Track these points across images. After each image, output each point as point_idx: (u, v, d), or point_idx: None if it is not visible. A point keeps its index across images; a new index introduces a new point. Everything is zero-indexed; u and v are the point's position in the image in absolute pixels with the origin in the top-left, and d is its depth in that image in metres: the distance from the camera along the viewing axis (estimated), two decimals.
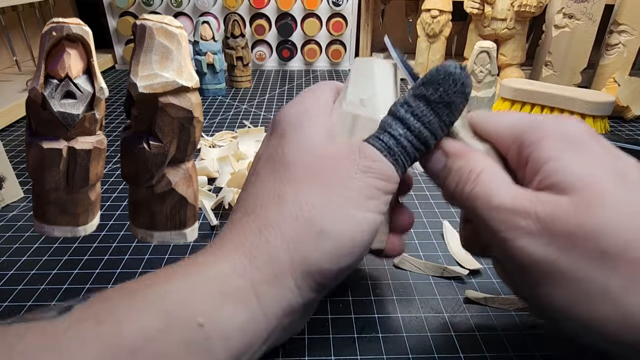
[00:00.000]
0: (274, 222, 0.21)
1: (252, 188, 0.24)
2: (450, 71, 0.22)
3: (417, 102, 0.22)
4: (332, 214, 0.21)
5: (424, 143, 0.23)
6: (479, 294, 0.30)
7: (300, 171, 0.22)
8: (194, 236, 0.29)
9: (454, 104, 0.22)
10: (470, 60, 0.59)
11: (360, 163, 0.22)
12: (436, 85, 0.22)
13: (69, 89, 0.26)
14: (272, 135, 0.25)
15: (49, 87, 0.26)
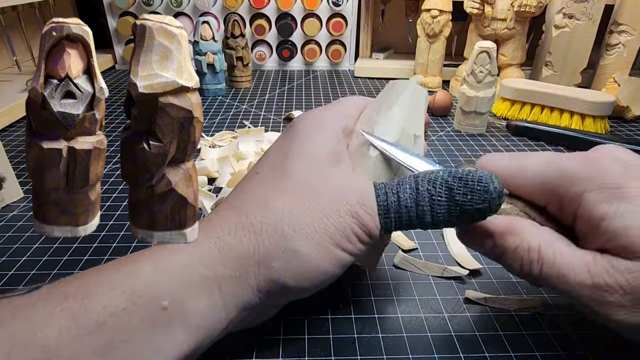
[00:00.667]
0: (251, 225, 0.21)
1: (247, 185, 0.24)
2: (489, 189, 0.21)
3: (440, 190, 0.22)
4: (308, 239, 0.21)
5: (420, 224, 0.22)
6: (479, 294, 0.30)
7: (296, 185, 0.22)
8: (194, 236, 0.29)
9: (469, 215, 0.22)
10: (470, 60, 0.59)
11: (354, 207, 0.22)
12: (468, 190, 0.21)
13: (69, 89, 0.26)
14: (285, 136, 0.25)
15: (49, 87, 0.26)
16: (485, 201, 0.21)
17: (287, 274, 0.21)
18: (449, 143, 0.58)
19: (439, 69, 0.82)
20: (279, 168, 0.23)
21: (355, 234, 0.22)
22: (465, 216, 0.22)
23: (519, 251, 0.22)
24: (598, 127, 0.60)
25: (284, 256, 0.21)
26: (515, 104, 0.65)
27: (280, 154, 0.24)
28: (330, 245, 0.21)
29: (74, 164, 0.27)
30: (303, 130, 0.24)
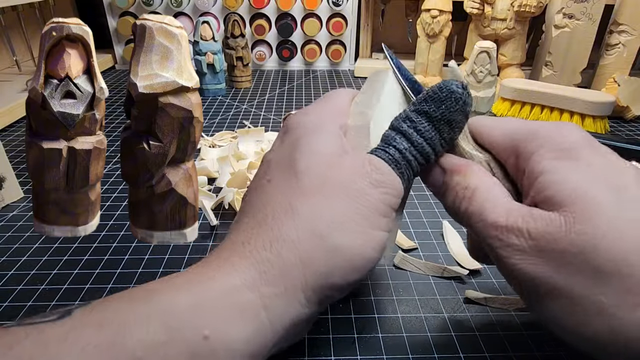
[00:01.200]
0: (286, 235, 0.20)
1: (263, 194, 0.23)
2: (452, 89, 0.22)
3: (419, 118, 0.23)
4: (346, 231, 0.21)
5: (426, 158, 0.23)
6: (479, 294, 0.30)
7: (313, 182, 0.22)
8: (194, 236, 0.29)
9: (455, 121, 0.23)
10: (470, 60, 0.59)
11: (372, 176, 0.22)
12: (438, 102, 0.22)
13: (69, 89, 0.26)
14: (285, 140, 0.25)
15: (49, 87, 0.26)
16: (457, 100, 0.22)
17: (336, 273, 0.20)
18: None
19: (439, 69, 0.82)
20: (291, 170, 0.22)
21: (384, 202, 0.22)
22: (453, 124, 0.23)
23: (457, 187, 0.23)
24: (598, 127, 0.60)
25: (328, 257, 0.20)
26: (515, 104, 0.65)
27: (286, 157, 0.23)
28: (368, 228, 0.21)
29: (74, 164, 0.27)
30: (305, 129, 0.24)
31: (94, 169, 0.28)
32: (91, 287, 0.31)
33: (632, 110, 0.65)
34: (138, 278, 0.32)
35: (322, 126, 0.24)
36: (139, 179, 0.27)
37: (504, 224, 0.20)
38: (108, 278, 0.32)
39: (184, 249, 0.35)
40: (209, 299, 0.19)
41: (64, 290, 0.31)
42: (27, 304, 0.30)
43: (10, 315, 0.29)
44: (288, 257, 0.20)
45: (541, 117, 0.63)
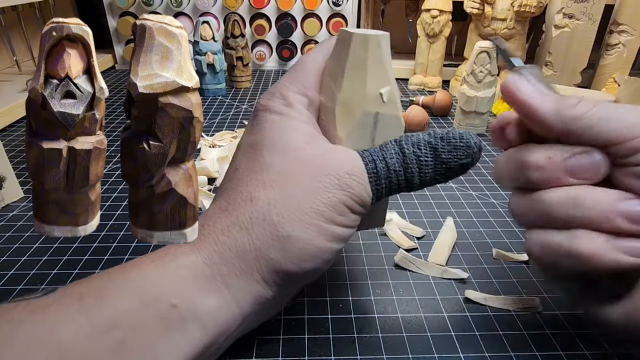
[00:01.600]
0: (242, 222, 0.22)
1: (229, 183, 0.24)
2: (471, 144, 0.23)
3: (426, 150, 0.23)
4: (299, 223, 0.21)
5: (408, 187, 0.24)
6: (479, 294, 0.30)
7: (275, 175, 0.22)
8: (194, 236, 0.29)
9: (453, 171, 0.23)
10: (470, 60, 0.59)
11: (342, 179, 0.22)
12: (452, 147, 0.23)
13: (69, 89, 0.26)
14: (254, 126, 0.25)
15: (49, 87, 0.26)
16: (468, 156, 0.23)
17: (287, 261, 0.21)
18: None
19: (439, 69, 0.82)
20: (256, 160, 0.23)
21: (347, 205, 0.22)
22: (450, 172, 0.23)
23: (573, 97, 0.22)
24: None
25: (279, 244, 0.21)
26: None
27: (253, 146, 0.24)
28: (322, 222, 0.22)
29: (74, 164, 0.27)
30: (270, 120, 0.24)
31: (94, 169, 0.28)
32: None
33: None
34: None
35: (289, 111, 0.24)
36: (139, 179, 0.27)
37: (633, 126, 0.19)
38: None
39: None
40: (172, 271, 0.21)
41: None
42: None
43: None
44: (242, 242, 0.21)
45: None
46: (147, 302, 0.20)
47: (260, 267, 0.21)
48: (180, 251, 0.22)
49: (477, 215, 0.41)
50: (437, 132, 0.23)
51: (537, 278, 0.33)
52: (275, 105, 0.24)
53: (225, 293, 0.21)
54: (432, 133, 0.23)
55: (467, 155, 0.23)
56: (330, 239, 0.22)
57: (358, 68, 0.23)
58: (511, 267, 0.34)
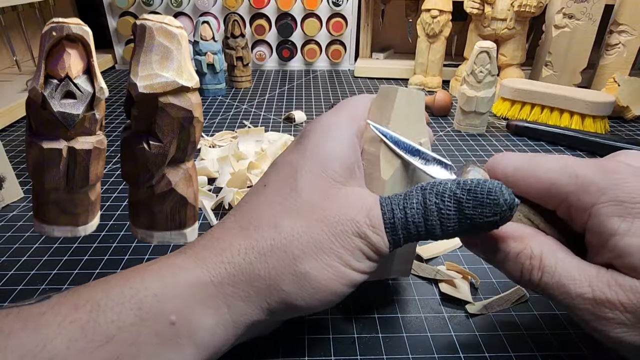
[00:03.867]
0: (262, 248, 0.21)
1: (255, 199, 0.23)
2: (499, 202, 0.20)
3: (449, 203, 0.21)
4: (318, 261, 0.21)
5: (429, 237, 0.22)
6: (479, 305, 0.30)
7: (303, 206, 0.22)
8: (194, 236, 0.29)
9: (478, 227, 0.21)
10: (470, 60, 0.59)
11: (361, 228, 0.22)
12: (478, 203, 0.20)
13: (69, 89, 0.26)
14: (295, 148, 0.24)
15: (49, 87, 0.26)
16: (496, 214, 0.20)
17: (299, 297, 0.21)
18: (449, 143, 0.58)
19: (439, 69, 0.82)
20: (287, 184, 0.23)
21: (364, 253, 0.22)
22: (475, 229, 0.21)
23: (520, 257, 0.22)
24: (598, 127, 0.60)
25: (294, 279, 0.21)
26: (515, 104, 0.65)
27: (289, 168, 0.23)
28: (340, 265, 0.21)
29: (74, 164, 0.27)
30: (314, 142, 0.24)
31: (94, 169, 0.28)
32: None
33: (632, 110, 0.65)
34: None
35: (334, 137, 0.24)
36: (139, 179, 0.27)
37: (591, 297, 0.19)
38: None
39: None
40: (175, 287, 0.20)
41: (63, 290, 0.31)
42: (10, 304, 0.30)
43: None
44: (258, 268, 0.21)
45: (541, 117, 0.63)
46: (145, 318, 0.19)
47: (270, 296, 0.21)
48: (186, 265, 0.21)
49: None
50: (467, 182, 0.21)
51: None
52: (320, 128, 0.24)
53: (224, 312, 0.21)
54: (460, 183, 0.21)
55: (495, 213, 0.20)
56: (345, 283, 0.22)
57: (403, 117, 0.25)
58: None
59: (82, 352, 0.17)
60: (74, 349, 0.17)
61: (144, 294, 0.19)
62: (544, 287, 0.21)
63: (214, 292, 0.20)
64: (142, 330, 0.19)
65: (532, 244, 0.22)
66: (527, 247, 0.21)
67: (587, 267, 0.20)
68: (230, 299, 0.21)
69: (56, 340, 0.17)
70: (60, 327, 0.18)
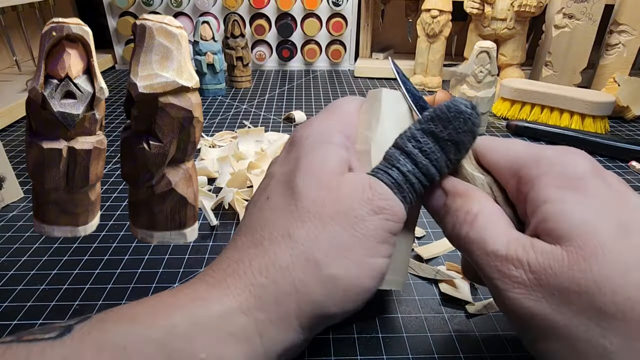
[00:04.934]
0: (282, 261, 0.20)
1: (261, 214, 0.22)
2: (461, 109, 0.21)
3: (425, 138, 0.22)
4: (342, 260, 0.20)
5: (430, 180, 0.22)
6: (479, 305, 0.30)
7: (311, 206, 0.21)
8: (194, 236, 0.29)
9: (462, 142, 0.22)
10: (470, 60, 0.59)
11: (372, 202, 0.21)
12: (445, 122, 0.21)
13: (69, 89, 0.26)
14: (288, 155, 0.24)
15: (49, 87, 0.26)
16: (465, 121, 0.21)
17: (331, 303, 0.20)
18: None
19: (439, 69, 0.82)
20: (290, 192, 0.22)
21: (384, 229, 0.21)
22: (460, 145, 0.22)
23: (458, 212, 0.22)
24: (598, 127, 0.60)
25: (323, 286, 0.20)
26: (515, 104, 0.65)
27: (287, 174, 0.23)
28: (366, 257, 0.21)
29: (74, 164, 0.27)
30: (308, 145, 0.23)
31: (94, 169, 0.28)
32: (91, 287, 0.31)
33: (632, 110, 0.65)
34: (138, 278, 0.32)
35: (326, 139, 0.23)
36: (139, 179, 0.27)
37: (504, 254, 0.19)
38: (108, 278, 0.32)
39: (184, 249, 0.35)
40: (204, 322, 0.19)
41: (64, 290, 0.31)
42: (27, 304, 0.30)
43: (10, 316, 0.29)
44: (283, 285, 0.20)
45: (541, 117, 0.63)
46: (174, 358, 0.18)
47: (300, 312, 0.20)
48: (212, 296, 0.20)
49: None
50: (425, 115, 0.22)
51: None
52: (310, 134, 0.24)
53: (256, 342, 0.19)
54: (421, 119, 0.22)
55: (465, 120, 0.21)
56: (373, 275, 0.21)
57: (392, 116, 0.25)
58: None
59: None
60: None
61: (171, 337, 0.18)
62: (465, 240, 0.21)
63: (245, 321, 0.19)
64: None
65: (473, 202, 0.22)
66: (469, 204, 0.22)
67: (513, 232, 0.20)
68: (262, 325, 0.19)
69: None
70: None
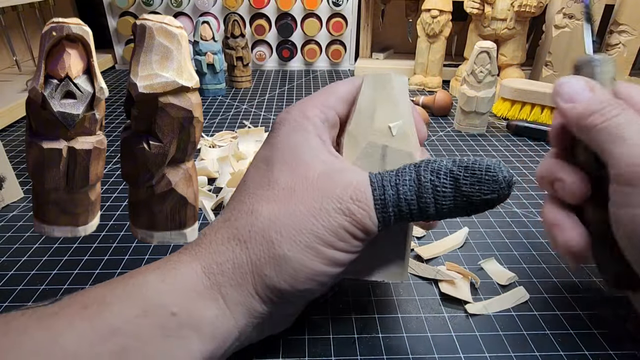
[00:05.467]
0: (240, 234, 0.22)
1: (237, 195, 0.24)
2: (499, 179, 0.20)
3: (445, 180, 0.21)
4: (296, 244, 0.21)
5: (422, 217, 0.21)
6: (479, 305, 0.30)
7: (281, 192, 0.22)
8: (194, 236, 0.29)
9: (476, 207, 0.21)
10: (470, 60, 0.59)
11: (345, 204, 0.21)
12: (476, 179, 0.20)
13: (69, 89, 0.26)
14: (270, 138, 0.25)
15: (49, 87, 0.26)
16: (494, 191, 0.20)
17: (280, 279, 0.21)
18: (449, 143, 0.58)
19: (439, 69, 0.82)
20: (265, 177, 0.23)
21: (348, 231, 0.21)
22: (472, 207, 0.21)
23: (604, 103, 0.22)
24: None
25: (274, 262, 0.21)
26: (515, 104, 0.65)
27: (264, 161, 0.24)
28: (320, 245, 0.21)
29: (74, 164, 0.27)
30: (284, 132, 0.24)
31: (94, 169, 0.28)
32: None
33: None
34: None
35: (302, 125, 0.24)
36: (139, 179, 0.27)
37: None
38: (108, 278, 0.32)
39: None
40: (173, 280, 0.21)
41: (64, 290, 0.31)
42: (27, 304, 0.30)
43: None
44: (239, 255, 0.22)
45: (541, 117, 0.63)
46: (148, 310, 0.20)
47: (255, 282, 0.22)
48: (182, 260, 0.22)
49: (477, 216, 0.41)
50: (464, 160, 0.21)
51: (535, 277, 0.33)
52: (291, 117, 0.25)
53: (221, 303, 0.21)
54: (457, 161, 0.21)
55: (493, 190, 0.20)
56: (327, 263, 0.22)
57: (367, 103, 0.25)
58: (510, 266, 0.34)
59: (91, 345, 0.18)
60: (84, 342, 0.18)
61: (145, 289, 0.21)
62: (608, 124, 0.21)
63: (208, 282, 0.21)
64: (145, 322, 0.20)
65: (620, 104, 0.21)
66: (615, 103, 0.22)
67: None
68: (223, 288, 0.21)
69: (67, 335, 0.18)
70: (71, 323, 0.19)
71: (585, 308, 0.30)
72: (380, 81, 0.25)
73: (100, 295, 0.20)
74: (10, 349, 0.18)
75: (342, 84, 0.27)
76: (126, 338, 0.19)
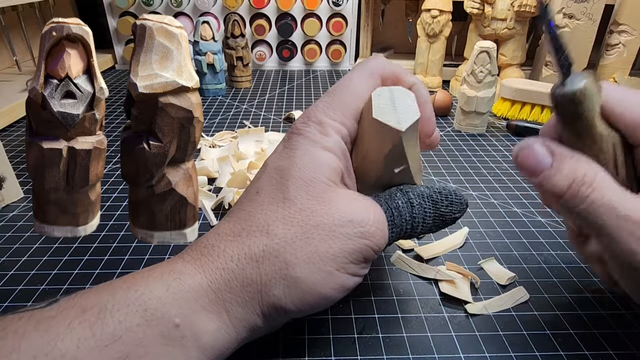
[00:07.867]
0: (254, 253, 0.22)
1: (248, 206, 0.23)
2: (463, 201, 0.26)
3: (429, 203, 0.25)
4: (310, 267, 0.21)
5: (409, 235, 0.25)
6: (479, 305, 0.30)
7: (298, 212, 0.22)
8: (194, 236, 0.29)
9: (447, 223, 0.26)
10: (470, 60, 0.59)
11: (368, 227, 0.22)
12: (449, 202, 0.25)
13: (69, 89, 0.26)
14: (284, 150, 0.24)
15: (49, 87, 0.26)
16: (461, 210, 0.25)
17: (288, 300, 0.21)
18: (449, 143, 0.58)
19: (439, 69, 0.82)
20: (280, 192, 0.23)
21: (364, 255, 0.22)
22: (444, 224, 0.25)
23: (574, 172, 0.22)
24: None
25: (284, 283, 0.21)
26: (515, 104, 0.65)
27: (278, 172, 0.23)
28: (334, 269, 0.21)
29: (74, 164, 0.27)
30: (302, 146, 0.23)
31: (94, 169, 0.28)
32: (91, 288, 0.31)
33: None
34: None
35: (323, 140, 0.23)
36: (139, 179, 0.27)
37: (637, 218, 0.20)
38: (108, 278, 0.32)
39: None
40: (178, 291, 0.21)
41: (64, 290, 0.31)
42: (27, 304, 0.30)
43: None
44: (250, 274, 0.21)
45: (541, 117, 0.63)
46: (151, 320, 0.20)
47: (261, 301, 0.21)
48: (187, 271, 0.22)
49: (477, 216, 0.41)
50: (434, 187, 0.25)
51: (535, 277, 0.33)
52: (310, 131, 0.24)
53: (224, 317, 0.21)
54: (430, 188, 0.25)
55: (460, 210, 0.25)
56: (336, 288, 0.22)
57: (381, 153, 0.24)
58: (510, 266, 0.34)
59: (91, 350, 0.18)
60: (84, 347, 0.18)
61: (148, 297, 0.20)
62: (589, 204, 0.21)
63: (214, 298, 0.21)
64: (148, 331, 0.19)
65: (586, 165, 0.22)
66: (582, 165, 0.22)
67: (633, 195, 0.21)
68: (228, 304, 0.21)
69: (66, 339, 0.18)
70: (70, 327, 0.18)
71: (585, 308, 0.30)
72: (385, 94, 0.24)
73: (100, 300, 0.20)
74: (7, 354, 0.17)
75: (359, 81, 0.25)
76: (127, 346, 0.19)
